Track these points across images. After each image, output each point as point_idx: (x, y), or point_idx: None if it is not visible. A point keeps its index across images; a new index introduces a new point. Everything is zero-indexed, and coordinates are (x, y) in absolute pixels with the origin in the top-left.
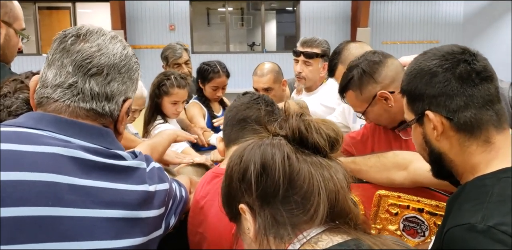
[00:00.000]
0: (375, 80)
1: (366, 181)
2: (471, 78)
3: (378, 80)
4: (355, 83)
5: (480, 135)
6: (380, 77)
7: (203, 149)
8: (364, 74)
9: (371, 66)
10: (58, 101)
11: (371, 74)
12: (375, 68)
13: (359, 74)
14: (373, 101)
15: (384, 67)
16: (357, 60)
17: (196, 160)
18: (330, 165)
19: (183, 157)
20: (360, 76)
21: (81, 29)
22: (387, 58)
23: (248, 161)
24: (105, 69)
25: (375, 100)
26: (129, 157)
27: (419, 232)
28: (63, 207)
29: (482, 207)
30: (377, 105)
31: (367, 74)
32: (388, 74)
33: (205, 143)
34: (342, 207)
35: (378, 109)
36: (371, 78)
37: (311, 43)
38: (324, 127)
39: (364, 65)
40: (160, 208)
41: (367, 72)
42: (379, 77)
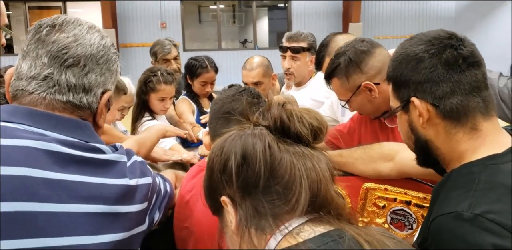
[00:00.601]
0: (361, 70)
1: (353, 173)
2: (458, 64)
3: (364, 70)
4: (341, 71)
5: (466, 122)
6: (366, 67)
7: (193, 145)
8: (351, 63)
9: (358, 55)
10: (33, 93)
11: (357, 63)
12: (362, 58)
13: (345, 62)
14: (357, 91)
15: (371, 58)
16: (345, 47)
17: (184, 157)
18: (312, 154)
19: (172, 154)
20: (347, 65)
21: (57, 19)
22: (376, 48)
23: (229, 152)
24: (82, 60)
25: (359, 90)
26: (108, 151)
27: (407, 224)
28: (38, 202)
29: (469, 195)
30: (361, 95)
31: (353, 63)
32: (375, 64)
33: (194, 139)
34: (325, 196)
35: (362, 99)
36: (357, 68)
37: (296, 37)
38: (307, 116)
39: (351, 54)
40: (143, 203)
41: (354, 61)
42: (365, 67)
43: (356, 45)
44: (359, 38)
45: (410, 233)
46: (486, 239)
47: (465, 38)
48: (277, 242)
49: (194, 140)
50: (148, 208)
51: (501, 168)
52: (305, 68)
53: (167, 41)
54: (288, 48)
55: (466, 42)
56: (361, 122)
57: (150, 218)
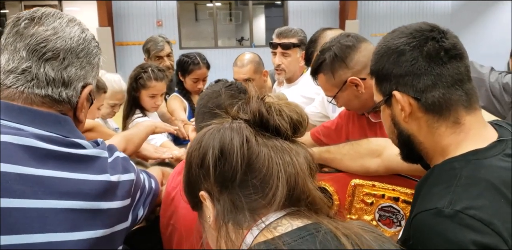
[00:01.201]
0: (346, 65)
1: (341, 170)
2: (439, 57)
3: (350, 65)
4: (327, 66)
5: (449, 116)
6: (351, 62)
7: (185, 142)
8: (336, 59)
9: (343, 50)
10: (11, 87)
11: (343, 59)
12: (347, 53)
13: (331, 57)
14: (343, 87)
15: (356, 52)
16: (330, 42)
17: (175, 153)
18: (291, 147)
19: (162, 151)
20: (332, 60)
21: (36, 12)
22: (361, 42)
23: (207, 146)
24: (61, 53)
25: (345, 86)
26: (89, 146)
27: (395, 221)
28: (12, 198)
29: (450, 191)
30: (347, 91)
31: (338, 59)
32: (360, 59)
33: (185, 136)
34: (302, 190)
35: (348, 95)
36: (342, 63)
37: (286, 34)
38: (287, 109)
39: (336, 49)
40: (125, 199)
41: (339, 56)
42: (350, 63)
43: (341, 40)
44: (345, 33)
45: (399, 230)
46: (466, 236)
47: (448, 31)
48: (253, 237)
49: (186, 137)
50: (132, 204)
51: (483, 163)
52: (296, 64)
53: (160, 38)
54: (279, 45)
55: (448, 34)
56: (348, 119)
57: (133, 215)
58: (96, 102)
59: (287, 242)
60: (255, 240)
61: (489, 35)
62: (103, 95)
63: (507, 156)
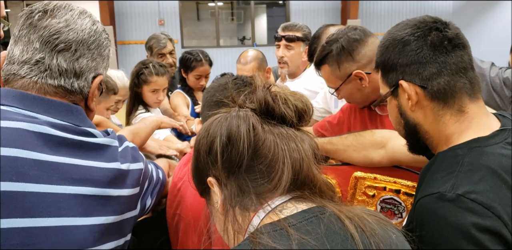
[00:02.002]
0: (353, 58)
1: (343, 161)
2: (443, 45)
3: (356, 59)
4: (333, 58)
5: (453, 104)
6: (358, 56)
7: (188, 138)
8: (343, 51)
9: (351, 43)
10: (25, 78)
11: (350, 51)
12: (354, 46)
13: (338, 49)
14: (347, 80)
15: (364, 46)
16: (337, 34)
17: (178, 147)
18: (296, 134)
19: (167, 149)
20: (339, 52)
21: (48, 5)
22: (368, 36)
23: (215, 133)
24: (73, 45)
25: (349, 79)
26: (100, 135)
27: (396, 213)
28: (28, 183)
29: (452, 176)
30: (351, 84)
31: (345, 51)
32: (367, 53)
33: (188, 131)
34: (306, 174)
35: (351, 88)
36: (349, 56)
37: (291, 27)
38: (292, 98)
39: (344, 41)
40: (134, 188)
41: (346, 49)
42: (357, 56)
43: (349, 33)
44: (352, 26)
45: (400, 222)
46: (467, 218)
47: (450, 22)
48: (260, 219)
49: (189, 132)
50: (140, 193)
51: (485, 150)
52: (298, 58)
53: (163, 35)
54: (283, 37)
55: (450, 25)
56: (350, 113)
57: (142, 204)
58: (105, 103)
59: (292, 224)
60: (262, 222)
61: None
62: (113, 96)
63: (508, 144)
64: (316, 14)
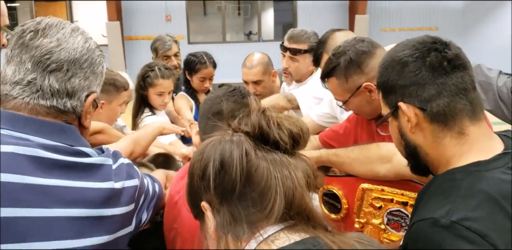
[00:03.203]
0: (361, 70)
1: (349, 173)
2: (443, 66)
3: (365, 71)
4: (341, 71)
5: (453, 126)
6: (367, 68)
7: (190, 141)
8: (351, 63)
9: (359, 55)
10: (17, 98)
11: (358, 64)
12: (363, 58)
13: (346, 62)
14: (356, 92)
15: (372, 59)
16: (344, 46)
17: (183, 151)
18: (289, 161)
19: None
20: (347, 65)
21: (40, 24)
22: (376, 48)
23: (208, 157)
24: (65, 64)
25: (358, 91)
26: (94, 154)
27: (403, 225)
28: (19, 207)
29: (449, 202)
30: (360, 96)
31: (354, 64)
32: (375, 66)
33: (191, 135)
34: (299, 204)
35: (360, 100)
36: (357, 68)
37: (297, 38)
38: (287, 122)
39: (352, 54)
40: (129, 205)
41: (355, 61)
42: (365, 68)
43: (356, 45)
44: (359, 38)
45: None
46: (461, 247)
47: (450, 42)
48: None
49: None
50: (135, 209)
51: (484, 175)
52: (303, 69)
53: (168, 37)
54: (288, 49)
55: (451, 45)
56: (357, 123)
57: (137, 219)
58: (117, 100)
59: None
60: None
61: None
62: (124, 93)
63: (509, 168)
64: (324, 9)
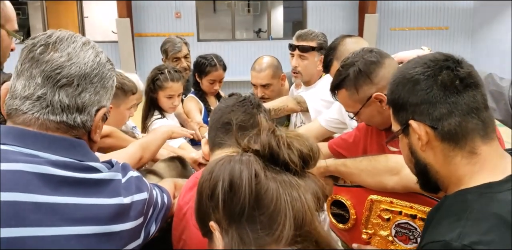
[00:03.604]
0: (371, 81)
1: (357, 184)
2: (454, 85)
3: (375, 81)
4: (351, 82)
5: (465, 145)
6: (376, 78)
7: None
8: (361, 74)
9: (368, 66)
10: (26, 113)
11: (368, 74)
12: (372, 69)
13: (355, 73)
14: (367, 103)
15: (381, 68)
16: (352, 57)
17: (193, 156)
18: (299, 184)
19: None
20: (356, 76)
21: (51, 37)
22: (384, 58)
23: (217, 177)
24: (75, 79)
25: (369, 102)
26: (104, 168)
27: (411, 238)
28: (27, 227)
29: (460, 224)
30: (371, 107)
31: (363, 74)
32: (385, 75)
33: (201, 138)
34: (309, 229)
35: (371, 111)
36: (367, 79)
37: (306, 36)
38: (297, 142)
39: (361, 64)
40: (138, 219)
41: (364, 71)
42: (375, 78)
43: (364, 56)
44: (367, 48)
45: (415, 247)
46: None
47: (463, 60)
48: None
49: (201, 139)
50: (144, 222)
51: (496, 197)
52: (313, 68)
53: (178, 38)
54: (297, 47)
55: (463, 63)
56: (366, 132)
57: (145, 231)
58: (125, 105)
59: None
60: None
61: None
62: (132, 96)
63: None
64: (334, 7)
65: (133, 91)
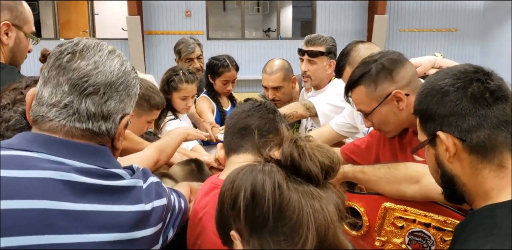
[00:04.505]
0: (392, 78)
1: (374, 191)
2: (484, 98)
3: (396, 79)
4: (371, 78)
5: (493, 158)
6: (398, 76)
7: (212, 144)
8: (383, 70)
9: (391, 63)
10: (53, 120)
11: (390, 71)
12: (394, 66)
13: (377, 68)
14: (384, 101)
15: (403, 68)
16: (374, 56)
17: (205, 159)
18: (321, 195)
19: None
20: (379, 71)
21: (78, 45)
22: (406, 60)
23: (239, 187)
24: (101, 88)
25: (386, 100)
26: (126, 175)
27: (425, 246)
28: (54, 234)
29: (489, 240)
30: (387, 106)
31: (386, 70)
32: (406, 75)
33: (213, 139)
34: (332, 242)
35: (387, 111)
36: (389, 75)
37: (315, 41)
38: (319, 153)
39: (385, 61)
40: (157, 225)
41: (387, 68)
42: (397, 76)
43: (388, 55)
44: (388, 50)
45: None
46: None
47: (493, 72)
48: None
49: (213, 139)
50: (162, 228)
51: None
52: (322, 72)
53: (191, 39)
54: (306, 52)
55: (493, 76)
56: (379, 139)
57: (164, 237)
58: (147, 117)
59: None
60: None
61: None
62: (156, 112)
63: None
64: (343, 8)
65: (158, 107)
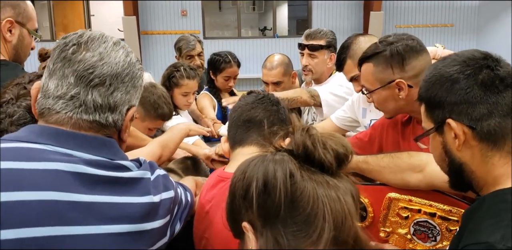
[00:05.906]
0: (402, 66)
1: (378, 182)
2: (495, 85)
3: (405, 68)
4: (383, 59)
5: (504, 145)
6: (408, 66)
7: (213, 140)
8: (397, 55)
9: (407, 50)
10: (60, 113)
11: (403, 58)
12: (408, 56)
13: (391, 52)
14: (386, 86)
15: (416, 59)
16: (393, 38)
17: (206, 152)
18: (338, 185)
19: None
20: (391, 56)
21: (82, 37)
22: (424, 50)
23: (251, 177)
24: (107, 79)
25: (388, 86)
26: (133, 167)
27: (430, 236)
28: (65, 226)
29: (502, 226)
30: (388, 90)
31: (399, 57)
32: (417, 67)
33: (215, 134)
34: (349, 233)
35: (387, 95)
36: (400, 63)
37: (315, 35)
38: (332, 142)
39: (401, 47)
40: (165, 217)
41: (401, 54)
42: (407, 66)
43: (406, 41)
44: (408, 35)
45: (433, 245)
46: None
47: (501, 59)
48: None
49: (215, 135)
50: (170, 220)
51: None
52: (323, 66)
53: (192, 36)
54: (306, 46)
55: (502, 62)
56: (382, 130)
57: (171, 229)
58: (150, 124)
59: None
60: None
61: None
62: (160, 122)
63: None
64: (339, 4)
65: (164, 118)
